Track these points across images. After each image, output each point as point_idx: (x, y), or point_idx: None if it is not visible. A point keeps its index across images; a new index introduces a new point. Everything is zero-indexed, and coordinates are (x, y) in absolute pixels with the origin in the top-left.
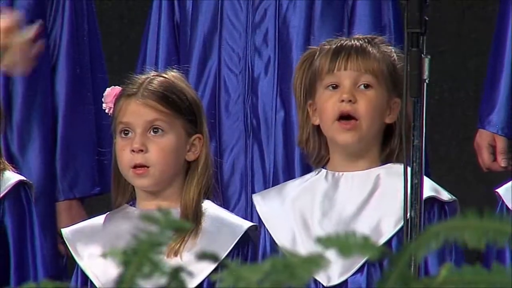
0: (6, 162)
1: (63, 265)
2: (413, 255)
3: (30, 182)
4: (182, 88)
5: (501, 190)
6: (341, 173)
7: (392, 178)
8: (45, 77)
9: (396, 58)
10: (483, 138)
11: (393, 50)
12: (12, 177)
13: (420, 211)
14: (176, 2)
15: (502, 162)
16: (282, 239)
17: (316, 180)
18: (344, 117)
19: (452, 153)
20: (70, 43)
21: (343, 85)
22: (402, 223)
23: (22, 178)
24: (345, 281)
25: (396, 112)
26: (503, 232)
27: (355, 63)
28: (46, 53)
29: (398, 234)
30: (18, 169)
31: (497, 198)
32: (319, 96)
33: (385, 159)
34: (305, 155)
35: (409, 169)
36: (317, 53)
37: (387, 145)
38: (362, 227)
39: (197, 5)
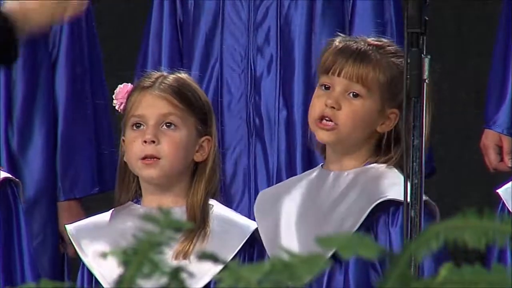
0: None
1: (63, 265)
2: (413, 255)
3: (17, 180)
4: (196, 89)
5: (501, 191)
6: (331, 171)
7: (371, 177)
8: (46, 76)
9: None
10: (489, 138)
11: None
12: None
13: (420, 211)
14: (178, 2)
15: (509, 162)
16: (268, 237)
17: (309, 177)
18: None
19: (452, 153)
20: (69, 42)
21: (333, 90)
22: (358, 224)
23: (8, 175)
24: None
25: (391, 122)
26: (503, 232)
27: (349, 71)
28: (46, 52)
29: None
30: (18, 169)
31: (498, 199)
32: (315, 91)
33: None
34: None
35: (407, 171)
36: (332, 44)
37: (384, 152)
38: (329, 227)
39: (199, 5)
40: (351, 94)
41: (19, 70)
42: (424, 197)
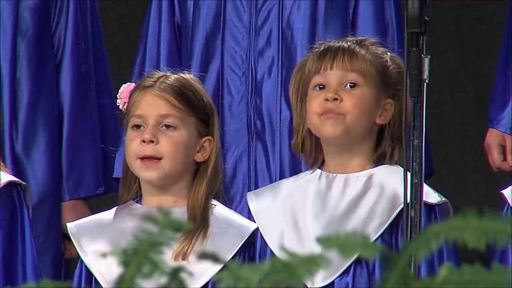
0: (0, 162)
1: (66, 265)
2: (413, 255)
3: (24, 183)
4: (198, 89)
5: (506, 192)
6: (335, 174)
7: (386, 179)
8: (50, 76)
9: (388, 59)
10: (493, 137)
11: (386, 51)
12: (3, 177)
13: (420, 211)
14: (176, 3)
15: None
16: (271, 238)
17: (310, 179)
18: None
19: (452, 154)
20: (74, 43)
21: (329, 85)
22: (385, 226)
23: (14, 179)
24: (332, 283)
25: (388, 113)
26: (503, 232)
27: (341, 63)
28: (51, 52)
29: (383, 236)
30: (22, 170)
31: (503, 200)
32: (308, 96)
33: (377, 161)
34: (302, 157)
35: (408, 171)
36: (309, 57)
37: (379, 146)
38: (350, 228)
39: (199, 6)
40: (348, 85)
41: (24, 70)
42: (444, 199)
